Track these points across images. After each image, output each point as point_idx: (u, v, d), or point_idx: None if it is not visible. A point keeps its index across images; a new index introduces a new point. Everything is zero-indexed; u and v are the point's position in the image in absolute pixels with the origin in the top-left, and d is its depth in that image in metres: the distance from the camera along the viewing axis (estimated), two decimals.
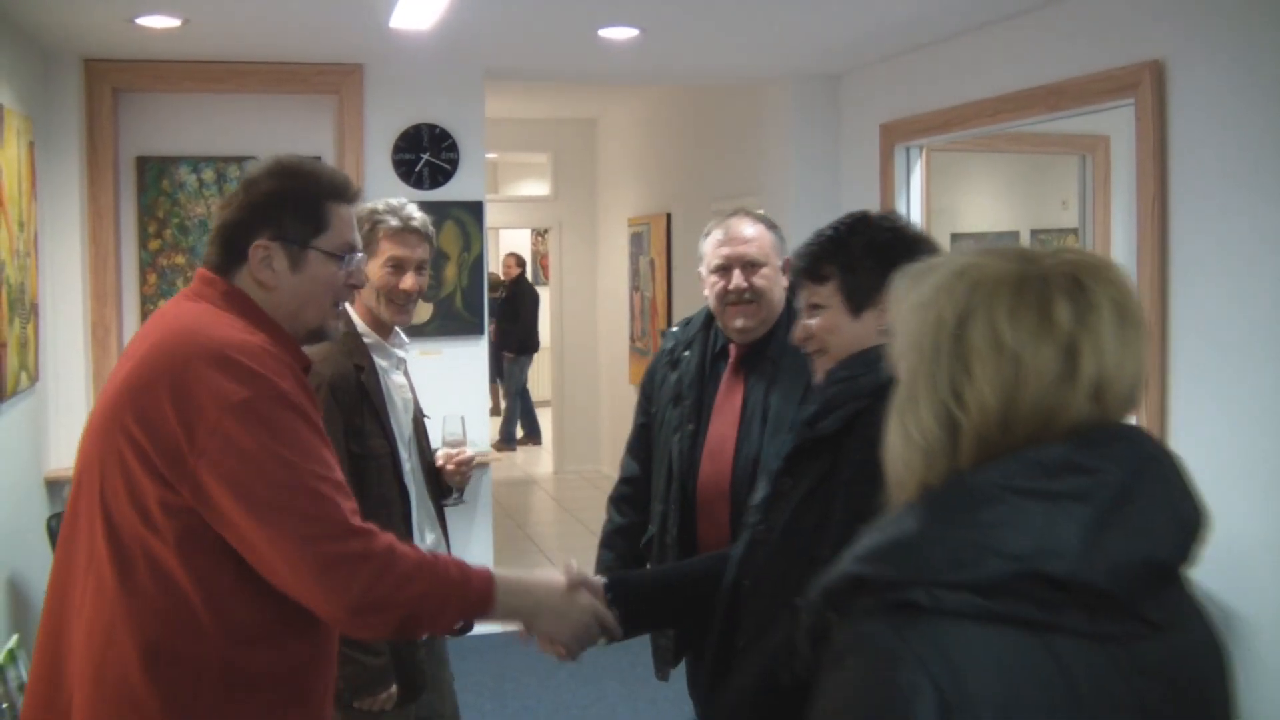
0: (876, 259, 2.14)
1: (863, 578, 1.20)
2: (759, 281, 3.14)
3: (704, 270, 3.23)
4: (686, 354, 3.30)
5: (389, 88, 6.14)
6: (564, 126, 10.66)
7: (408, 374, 3.36)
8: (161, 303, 5.93)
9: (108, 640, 1.98)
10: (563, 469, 10.78)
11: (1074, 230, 6.85)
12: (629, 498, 3.43)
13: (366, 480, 3.03)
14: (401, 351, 3.28)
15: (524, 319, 12.16)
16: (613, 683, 5.61)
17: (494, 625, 2.37)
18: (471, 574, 2.09)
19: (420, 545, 3.21)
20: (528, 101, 9.25)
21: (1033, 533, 1.16)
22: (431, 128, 6.20)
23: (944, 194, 6.54)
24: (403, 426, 3.22)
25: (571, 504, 9.41)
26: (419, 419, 3.36)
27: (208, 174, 6.06)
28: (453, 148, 6.23)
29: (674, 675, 3.31)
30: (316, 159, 2.40)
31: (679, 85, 8.33)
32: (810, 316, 2.20)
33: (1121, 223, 6.34)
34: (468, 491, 3.51)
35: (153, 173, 6.00)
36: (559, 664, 2.38)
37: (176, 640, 1.97)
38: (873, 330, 2.12)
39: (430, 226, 3.24)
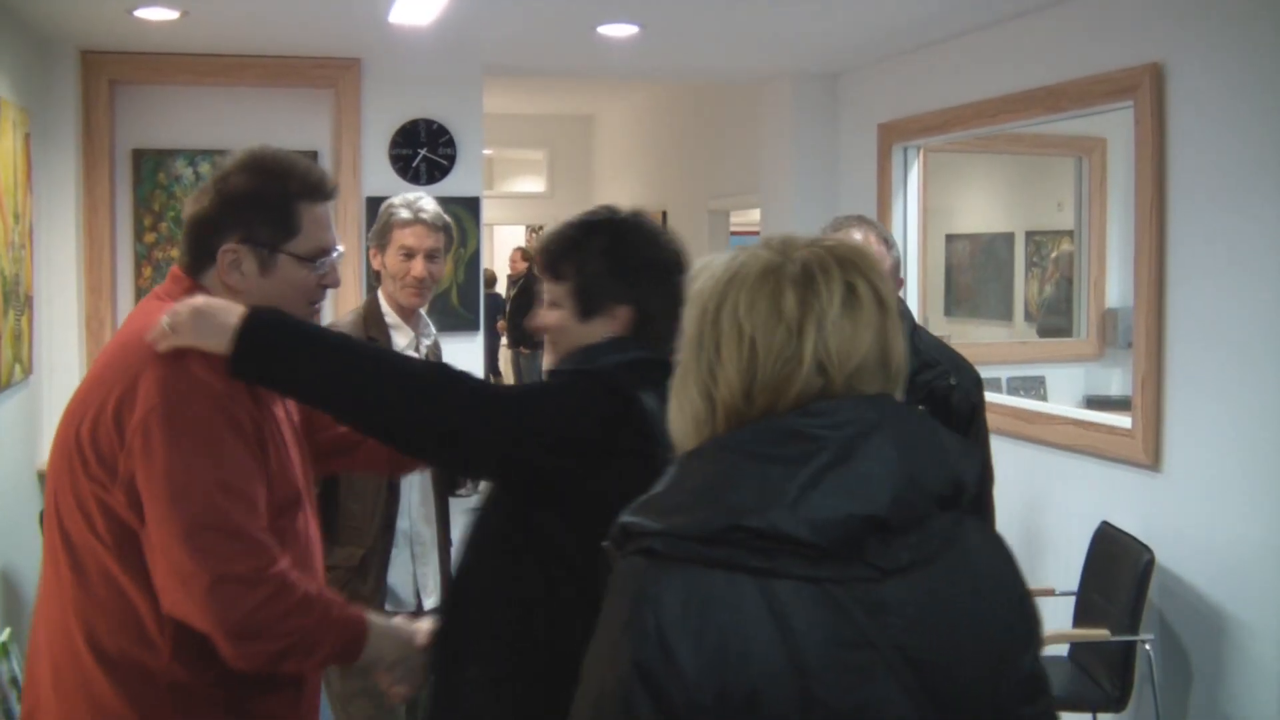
0: (612, 264, 2.13)
1: (626, 526, 1.40)
2: None
3: None
4: None
5: (387, 82, 6.13)
6: (561, 123, 10.66)
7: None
8: None
9: (66, 643, 1.98)
10: None
11: (1069, 232, 6.86)
12: None
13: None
14: (427, 339, 3.48)
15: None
16: None
17: None
18: (350, 618, 2.04)
19: (401, 543, 3.26)
20: (524, 97, 9.24)
21: (748, 490, 1.34)
22: (429, 123, 6.19)
23: (941, 194, 6.54)
24: None
25: None
26: None
27: (204, 167, 6.05)
28: (450, 143, 6.22)
29: None
30: (304, 154, 2.32)
31: (677, 83, 8.33)
32: (548, 309, 2.18)
33: (1117, 225, 6.35)
34: (469, 485, 3.54)
35: (149, 165, 5.99)
36: None
37: (129, 648, 1.95)
38: (598, 337, 2.12)
39: (444, 219, 3.45)
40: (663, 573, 1.35)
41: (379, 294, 3.43)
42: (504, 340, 12.71)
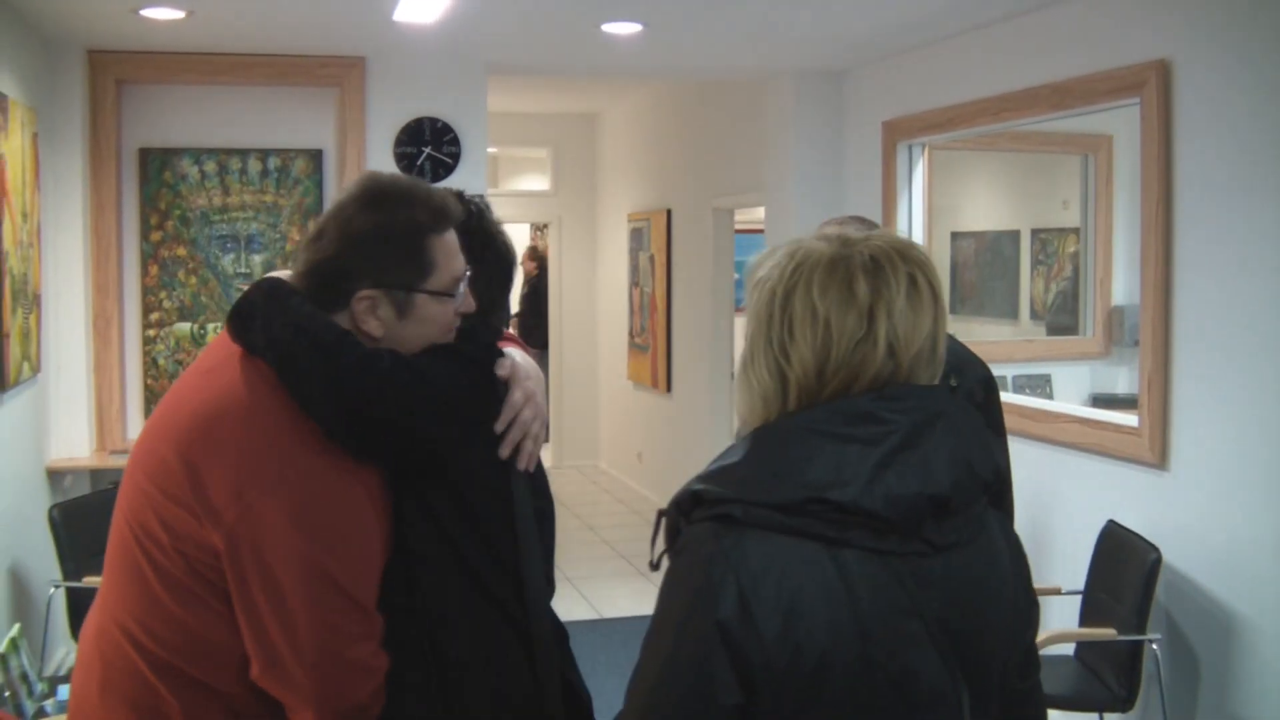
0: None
1: (698, 493, 1.48)
2: None
3: None
4: None
5: (391, 81, 6.14)
6: (565, 121, 10.66)
7: None
8: (162, 294, 5.97)
9: (119, 649, 1.92)
10: (561, 464, 10.78)
11: (1075, 230, 6.85)
12: None
13: None
14: None
15: (544, 313, 12.08)
16: (616, 679, 5.62)
17: None
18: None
19: None
20: (528, 96, 9.24)
21: (827, 467, 1.43)
22: (433, 121, 6.20)
23: (946, 192, 6.54)
24: None
25: (569, 500, 9.41)
26: None
27: (210, 166, 6.06)
28: (454, 141, 6.23)
29: None
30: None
31: (681, 81, 8.33)
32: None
33: (1123, 222, 6.35)
34: None
35: (155, 164, 6.00)
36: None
37: (193, 668, 1.89)
38: None
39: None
40: (742, 537, 1.43)
41: None
42: None
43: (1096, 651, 4.19)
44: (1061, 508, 4.83)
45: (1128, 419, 4.48)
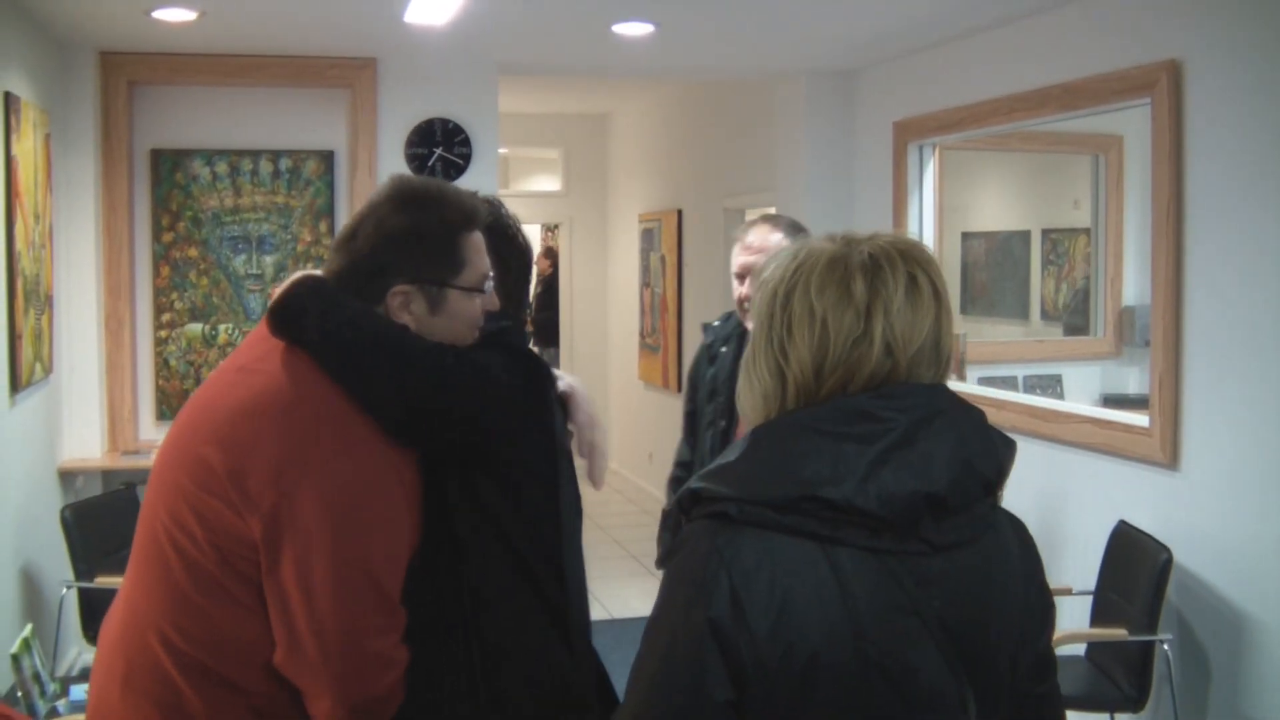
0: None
1: (697, 491, 1.50)
2: None
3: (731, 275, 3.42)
4: (723, 350, 3.52)
5: (402, 81, 6.15)
6: (576, 122, 10.66)
7: None
8: (174, 295, 5.99)
9: (143, 644, 1.93)
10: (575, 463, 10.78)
11: (1085, 230, 6.84)
12: (683, 480, 3.60)
13: None
14: None
15: (556, 312, 12.09)
16: (622, 678, 5.62)
17: None
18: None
19: None
20: (539, 96, 9.25)
21: (822, 465, 1.43)
22: (445, 122, 6.21)
23: (956, 192, 6.53)
24: None
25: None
26: None
27: (221, 167, 6.07)
28: (465, 142, 6.24)
29: None
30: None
31: (692, 81, 8.33)
32: None
33: (1134, 223, 6.33)
34: None
35: (167, 165, 6.02)
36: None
37: (219, 665, 1.91)
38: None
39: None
40: (737, 535, 1.44)
41: None
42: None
43: (1107, 652, 4.19)
44: (1072, 508, 4.83)
45: (1139, 419, 4.48)
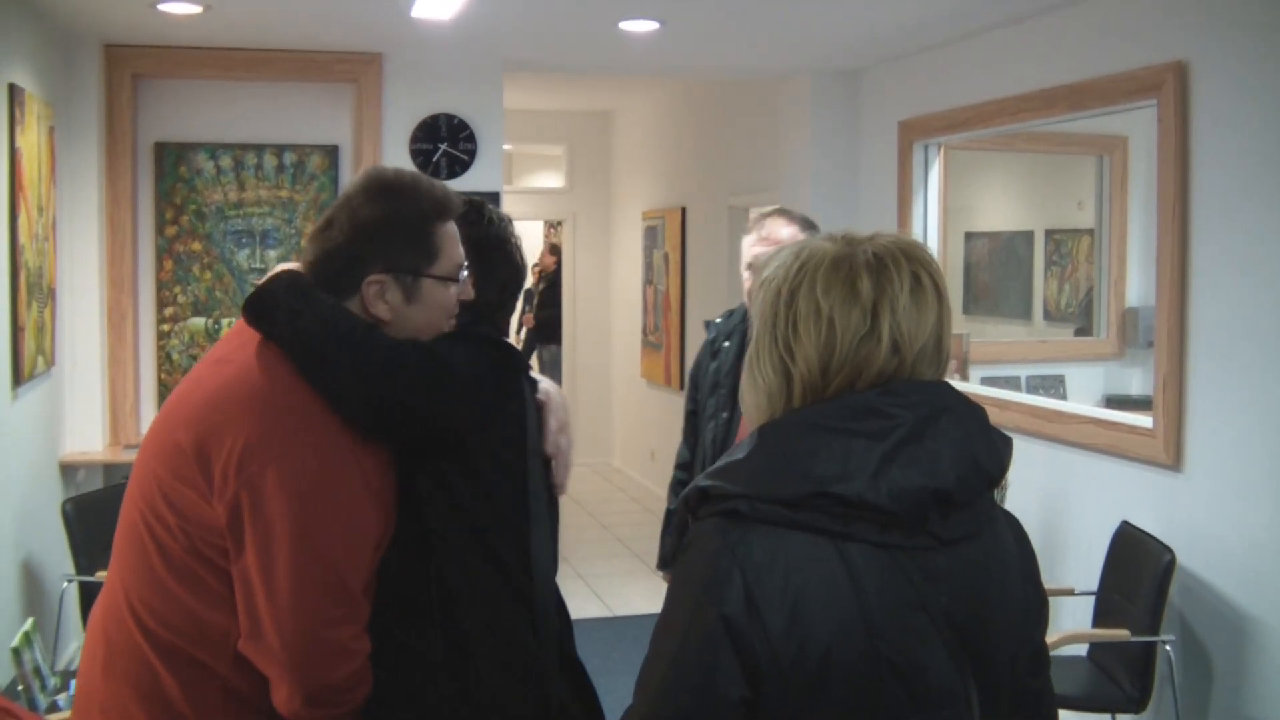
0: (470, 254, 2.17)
1: (705, 490, 1.50)
2: None
3: (742, 266, 3.44)
4: (726, 344, 3.55)
5: (408, 77, 6.15)
6: (581, 118, 10.66)
7: None
8: (177, 289, 5.98)
9: (123, 629, 1.98)
10: (574, 462, 10.77)
11: (1090, 231, 6.83)
12: (685, 482, 3.63)
13: None
14: None
15: (560, 309, 12.07)
16: (628, 677, 5.61)
17: None
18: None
19: None
20: (544, 93, 9.24)
21: (833, 461, 1.44)
22: (449, 118, 6.21)
23: (961, 192, 6.52)
24: None
25: (583, 498, 9.41)
26: None
27: (225, 161, 6.07)
28: (470, 138, 6.23)
29: None
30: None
31: (697, 79, 8.32)
32: None
33: (1138, 224, 6.33)
34: None
35: (171, 159, 6.01)
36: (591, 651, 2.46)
37: (192, 648, 1.95)
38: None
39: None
40: (748, 532, 1.44)
41: None
42: (521, 334, 12.69)
43: (1110, 652, 4.18)
44: (1075, 508, 4.82)
45: (1142, 420, 4.47)
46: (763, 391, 1.56)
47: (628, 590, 7.04)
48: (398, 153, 6.13)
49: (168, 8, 5.01)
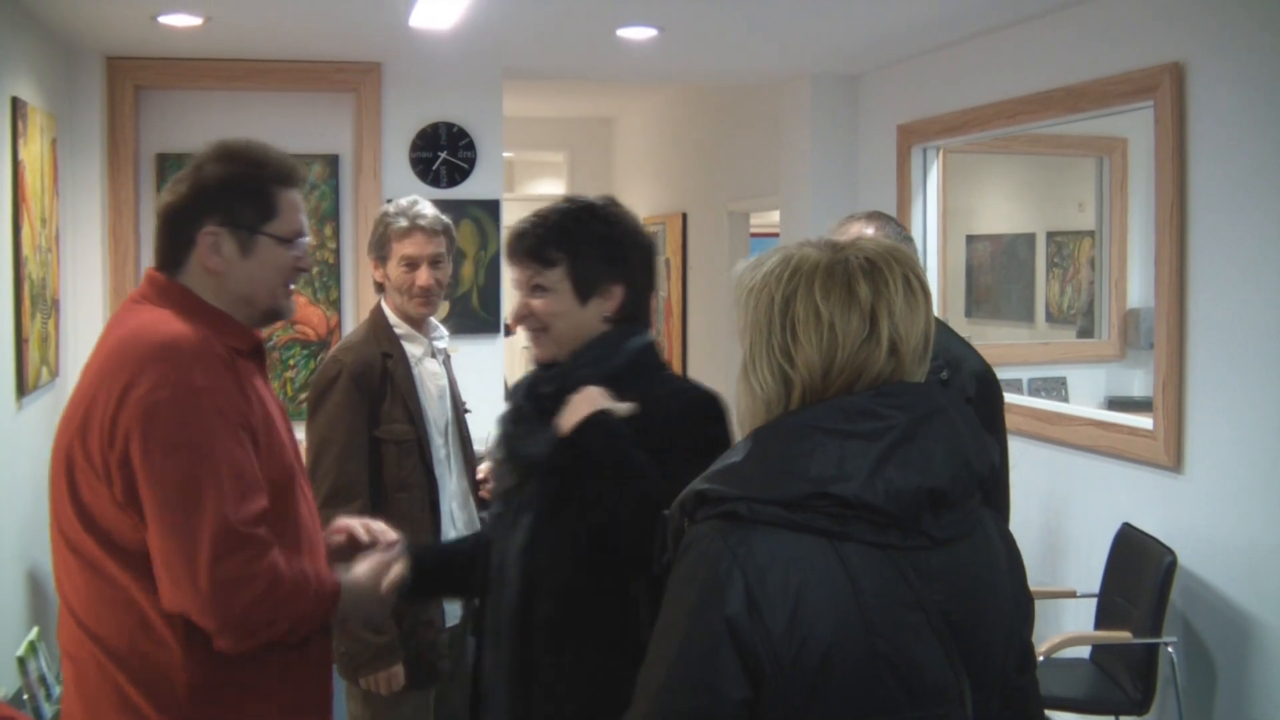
0: (603, 250, 2.23)
1: (703, 493, 1.52)
2: None
3: None
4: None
5: (407, 86, 6.16)
6: (580, 126, 10.67)
7: (448, 364, 3.41)
8: None
9: (81, 645, 2.06)
10: None
11: (1090, 233, 6.84)
12: None
13: (385, 464, 3.09)
14: (441, 342, 3.37)
15: None
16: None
17: None
18: (327, 591, 2.13)
19: (448, 529, 3.24)
20: (544, 100, 9.26)
21: (829, 462, 1.46)
22: (449, 126, 6.22)
23: (961, 195, 6.53)
24: (434, 413, 3.25)
25: None
26: (460, 410, 3.40)
27: None
28: (470, 146, 6.25)
29: None
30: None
31: (696, 85, 8.34)
32: (532, 296, 2.25)
33: (1139, 225, 6.34)
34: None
35: (173, 169, 6.03)
36: None
37: (142, 645, 2.03)
38: (596, 317, 2.23)
39: (443, 221, 3.35)
40: (749, 534, 1.46)
41: (383, 305, 3.31)
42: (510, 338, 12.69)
43: (1112, 654, 4.19)
44: (1077, 510, 4.82)
45: (1143, 421, 4.48)
46: (760, 399, 1.58)
47: None
48: (398, 161, 6.15)
49: (168, 20, 5.03)
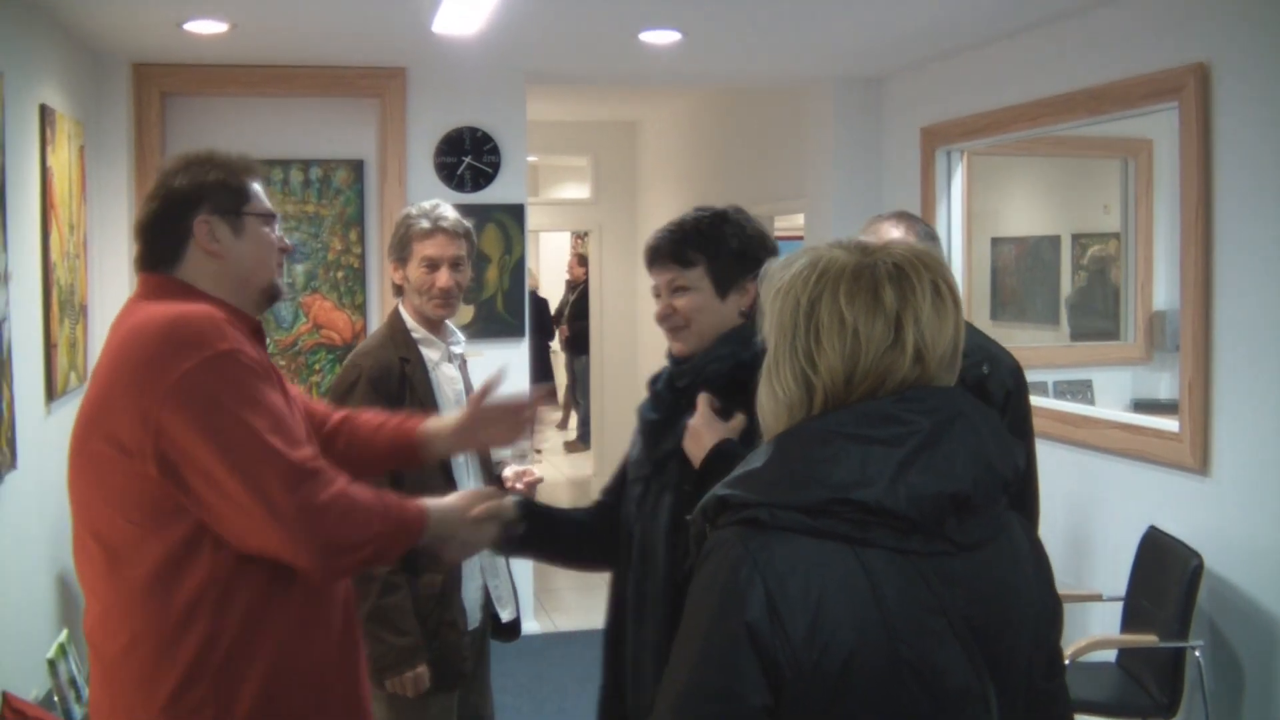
0: (736, 249, 2.48)
1: (724, 499, 1.51)
2: None
3: None
4: None
5: (432, 91, 6.19)
6: (605, 129, 10.68)
7: (464, 368, 3.41)
8: None
9: (110, 638, 2.16)
10: (602, 472, 10.79)
11: (1116, 235, 6.81)
12: None
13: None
14: (458, 347, 3.37)
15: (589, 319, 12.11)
16: None
17: (534, 627, 2.36)
18: (409, 514, 2.23)
19: None
20: (568, 104, 9.28)
21: (851, 468, 1.45)
22: (473, 131, 6.24)
23: (985, 198, 6.51)
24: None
25: None
26: None
27: None
28: (494, 151, 6.27)
29: None
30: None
31: (720, 88, 8.34)
32: (674, 296, 2.53)
33: (1164, 227, 6.30)
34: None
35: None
36: (597, 666, 2.47)
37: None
38: (734, 311, 2.46)
39: (464, 224, 3.36)
40: (770, 540, 1.46)
41: (401, 310, 3.33)
42: (554, 345, 12.71)
43: (1138, 658, 4.17)
44: (1102, 513, 4.80)
45: (1169, 424, 4.45)
46: (783, 403, 1.57)
47: None
48: (422, 166, 6.17)
49: (194, 26, 5.07)
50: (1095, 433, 4.83)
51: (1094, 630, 4.65)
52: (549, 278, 14.56)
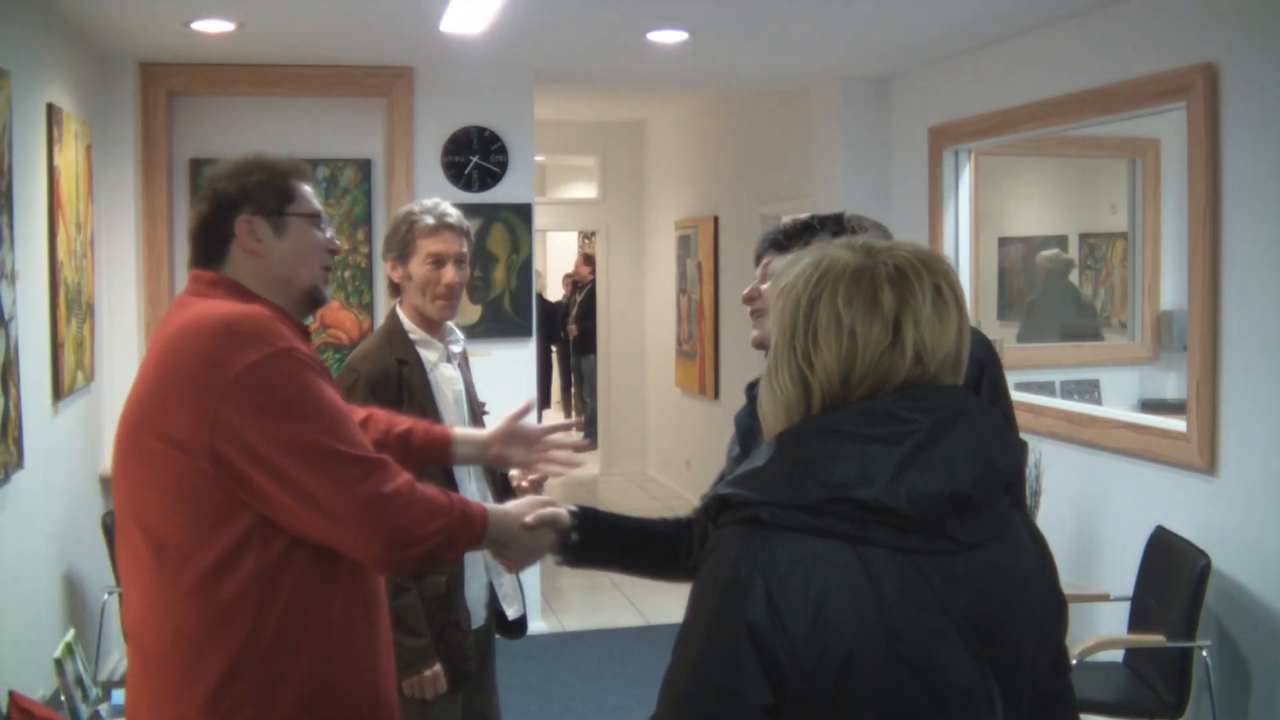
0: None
1: (725, 498, 1.52)
2: None
3: None
4: None
5: (439, 90, 6.19)
6: (612, 129, 10.68)
7: (464, 367, 3.40)
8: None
9: (157, 630, 2.12)
10: (609, 472, 10.80)
11: (1123, 235, 6.80)
12: None
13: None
14: (456, 346, 3.34)
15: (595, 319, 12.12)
16: (657, 685, 5.62)
17: (541, 627, 2.37)
18: (472, 512, 2.25)
19: None
20: (576, 104, 9.28)
21: (851, 467, 1.45)
22: (481, 130, 6.25)
23: (992, 197, 6.51)
24: (450, 418, 3.24)
25: (618, 506, 9.42)
26: (478, 412, 3.39)
27: None
28: (502, 150, 6.27)
29: None
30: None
31: (727, 88, 8.34)
32: (764, 281, 2.48)
33: (1172, 227, 6.29)
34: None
35: (206, 175, 6.06)
36: (604, 666, 2.46)
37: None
38: None
39: (466, 223, 3.33)
40: (770, 538, 1.46)
41: (399, 311, 3.28)
42: (554, 347, 12.72)
43: (1146, 658, 4.16)
44: (1110, 513, 4.80)
45: (1176, 424, 4.45)
46: (781, 403, 1.56)
47: (662, 599, 7.04)
48: (430, 165, 6.18)
49: (201, 26, 5.07)
50: (1102, 433, 4.83)
51: (1101, 630, 4.65)
52: (549, 278, 14.58)
